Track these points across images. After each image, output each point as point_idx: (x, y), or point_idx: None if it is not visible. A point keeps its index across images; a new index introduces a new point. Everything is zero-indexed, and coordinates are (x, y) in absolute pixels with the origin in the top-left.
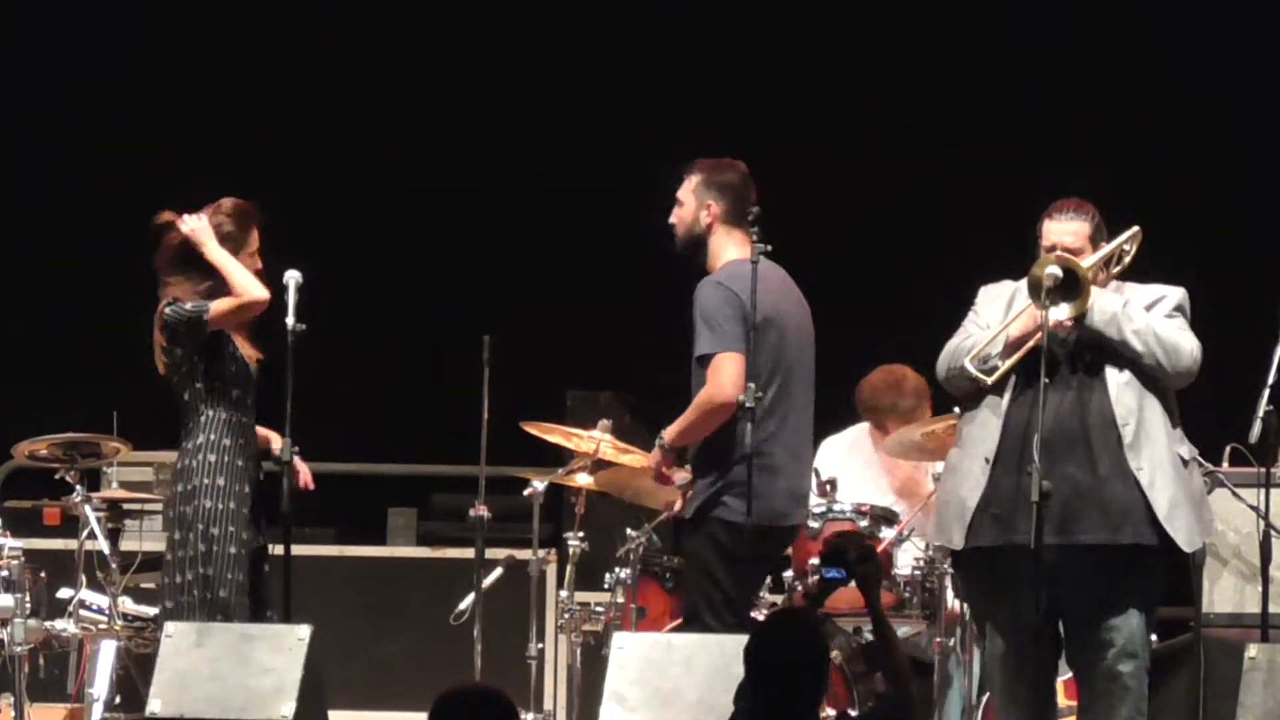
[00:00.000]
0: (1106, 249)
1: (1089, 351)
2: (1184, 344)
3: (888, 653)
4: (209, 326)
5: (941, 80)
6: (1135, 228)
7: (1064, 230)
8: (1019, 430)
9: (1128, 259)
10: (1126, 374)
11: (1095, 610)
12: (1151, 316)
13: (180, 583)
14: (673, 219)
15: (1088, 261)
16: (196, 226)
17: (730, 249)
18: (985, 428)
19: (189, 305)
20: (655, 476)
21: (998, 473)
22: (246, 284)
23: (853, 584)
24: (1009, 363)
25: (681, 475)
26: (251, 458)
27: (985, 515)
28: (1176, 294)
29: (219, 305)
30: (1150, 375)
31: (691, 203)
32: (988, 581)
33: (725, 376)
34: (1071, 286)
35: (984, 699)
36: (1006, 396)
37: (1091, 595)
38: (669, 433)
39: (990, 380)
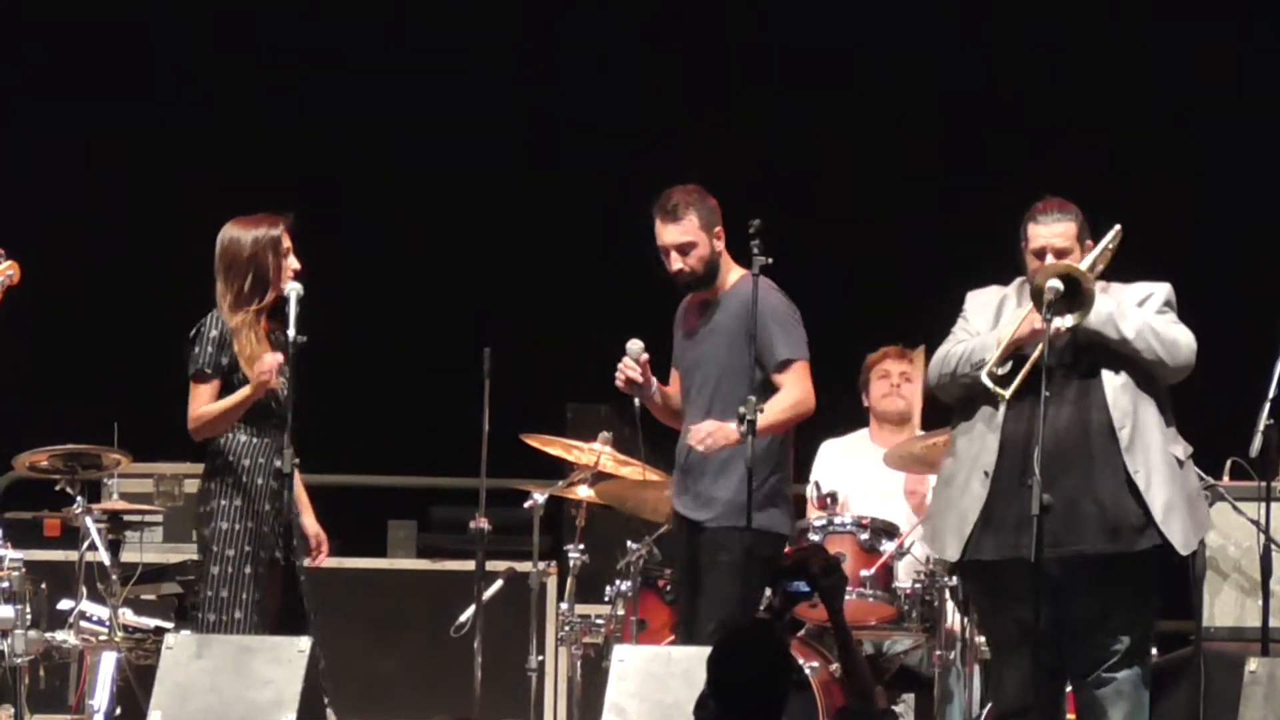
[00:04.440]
0: (1096, 251)
1: (1084, 356)
2: (1180, 337)
3: (852, 667)
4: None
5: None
6: (1117, 226)
7: (1051, 233)
8: (1017, 443)
9: (1108, 257)
10: (1123, 376)
11: (1094, 620)
12: (1144, 313)
13: (197, 601)
14: (685, 264)
15: (1084, 264)
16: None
17: (734, 268)
18: (982, 440)
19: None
20: (718, 444)
21: (999, 487)
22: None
23: (816, 597)
24: (1022, 374)
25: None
26: (274, 476)
27: (987, 530)
28: (1164, 289)
29: (199, 410)
30: (1148, 373)
31: (704, 238)
32: (992, 594)
33: (810, 384)
34: (1074, 295)
35: (984, 712)
36: (1002, 409)
37: (1091, 604)
38: (763, 421)
39: (1007, 393)
